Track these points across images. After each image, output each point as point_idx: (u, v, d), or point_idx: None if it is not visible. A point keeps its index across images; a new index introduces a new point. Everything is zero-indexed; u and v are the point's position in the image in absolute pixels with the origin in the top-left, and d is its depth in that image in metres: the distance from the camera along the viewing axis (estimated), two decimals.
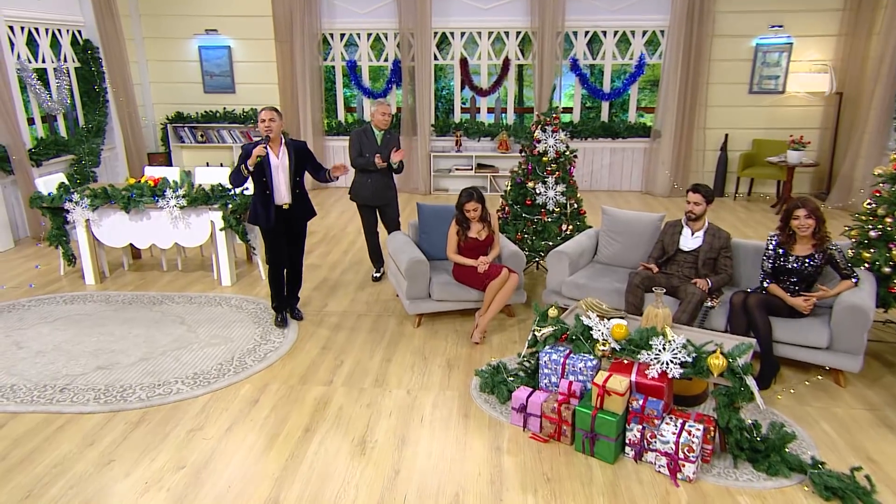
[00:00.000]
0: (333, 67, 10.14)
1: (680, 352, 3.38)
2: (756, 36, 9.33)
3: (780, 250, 4.30)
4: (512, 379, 3.96)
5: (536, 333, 3.79)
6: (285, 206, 4.83)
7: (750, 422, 3.35)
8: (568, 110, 10.16)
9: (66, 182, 6.45)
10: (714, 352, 3.30)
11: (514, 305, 5.35)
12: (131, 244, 6.14)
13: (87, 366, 4.50)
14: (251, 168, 4.60)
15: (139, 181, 6.11)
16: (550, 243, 5.71)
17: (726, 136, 9.67)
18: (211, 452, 3.49)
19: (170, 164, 10.25)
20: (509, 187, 5.98)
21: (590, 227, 5.82)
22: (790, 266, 4.26)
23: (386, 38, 9.83)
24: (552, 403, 3.53)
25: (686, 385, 3.80)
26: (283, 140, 4.77)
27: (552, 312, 3.83)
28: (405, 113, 9.81)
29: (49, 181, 6.32)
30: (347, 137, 10.13)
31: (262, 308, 5.48)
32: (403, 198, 9.58)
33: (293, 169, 4.80)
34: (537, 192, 5.76)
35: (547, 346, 3.78)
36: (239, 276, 6.29)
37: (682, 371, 3.33)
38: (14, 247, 7.37)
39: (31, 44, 8.12)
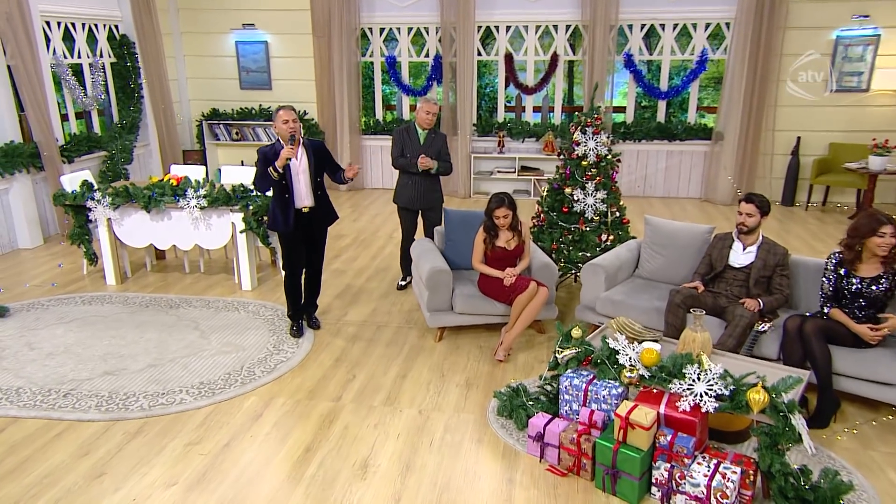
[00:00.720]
0: (372, 63, 10.14)
1: (716, 383, 3.14)
2: (837, 28, 8.83)
3: (842, 270, 4.00)
4: (531, 403, 3.79)
5: (557, 355, 3.60)
6: (305, 210, 4.78)
7: (797, 467, 3.08)
8: (620, 110, 9.88)
9: (91, 180, 6.61)
10: (755, 385, 3.06)
11: (545, 321, 5.17)
12: (153, 245, 6.22)
13: (95, 370, 4.55)
14: (280, 170, 4.57)
15: (162, 180, 6.20)
16: (588, 254, 5.50)
17: (798, 139, 9.20)
18: (205, 470, 3.45)
19: (204, 163, 10.45)
20: (546, 193, 5.80)
21: (633, 237, 5.58)
22: (854, 288, 3.95)
23: (427, 32, 9.76)
24: (571, 434, 3.35)
25: (727, 420, 3.55)
26: (301, 140, 4.71)
27: (576, 332, 3.64)
28: (446, 111, 9.71)
29: (74, 178, 6.48)
30: (385, 137, 10.11)
31: (280, 315, 5.46)
32: None
33: (314, 170, 4.74)
34: (575, 198, 5.56)
35: (569, 370, 3.60)
36: (261, 280, 6.30)
37: (716, 405, 3.10)
38: (43, 244, 7.61)
39: (68, 39, 8.39)
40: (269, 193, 5.80)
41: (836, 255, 4.06)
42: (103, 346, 4.94)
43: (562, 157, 5.73)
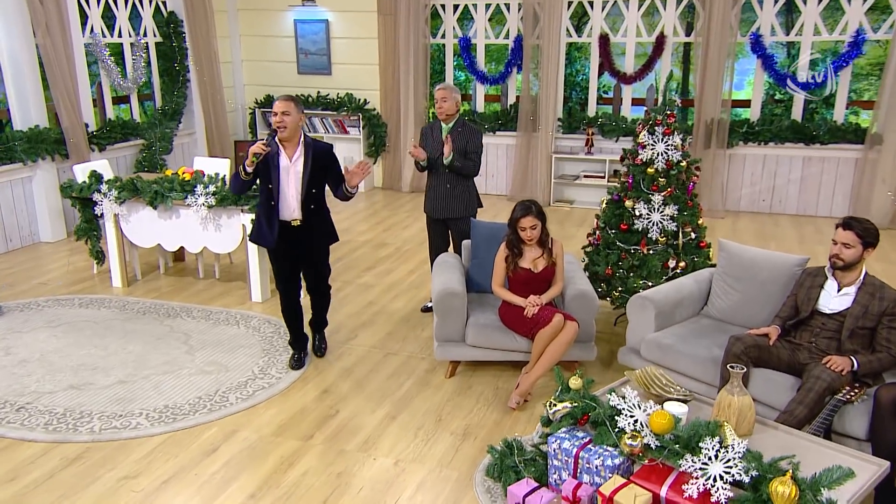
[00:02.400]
0: (443, 46, 10.09)
1: (736, 465, 2.77)
2: None
3: None
4: (524, 465, 3.53)
5: (549, 410, 3.33)
6: (294, 224, 4.59)
7: None
8: (743, 104, 9.27)
9: (108, 170, 6.94)
10: (785, 473, 2.67)
11: (585, 363, 4.85)
12: (161, 245, 6.43)
13: (61, 383, 4.72)
14: (249, 170, 4.41)
15: (176, 173, 6.41)
16: (651, 283, 5.12)
17: None
18: None
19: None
20: (604, 204, 5.48)
21: (714, 265, 5.15)
22: None
23: (508, 9, 9.60)
24: None
25: None
26: (303, 140, 4.53)
27: (574, 382, 3.35)
28: (524, 103, 9.50)
29: (91, 168, 6.82)
30: None
31: (282, 332, 5.47)
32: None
33: (308, 177, 4.52)
34: (637, 213, 5.20)
35: (562, 429, 3.32)
36: (274, 291, 6.36)
37: (730, 495, 2.73)
38: (65, 238, 8.09)
39: (108, 16, 8.91)
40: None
41: None
42: (81, 355, 5.13)
43: (625, 162, 5.39)
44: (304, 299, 5.16)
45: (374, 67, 10.13)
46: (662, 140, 5.16)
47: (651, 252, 5.19)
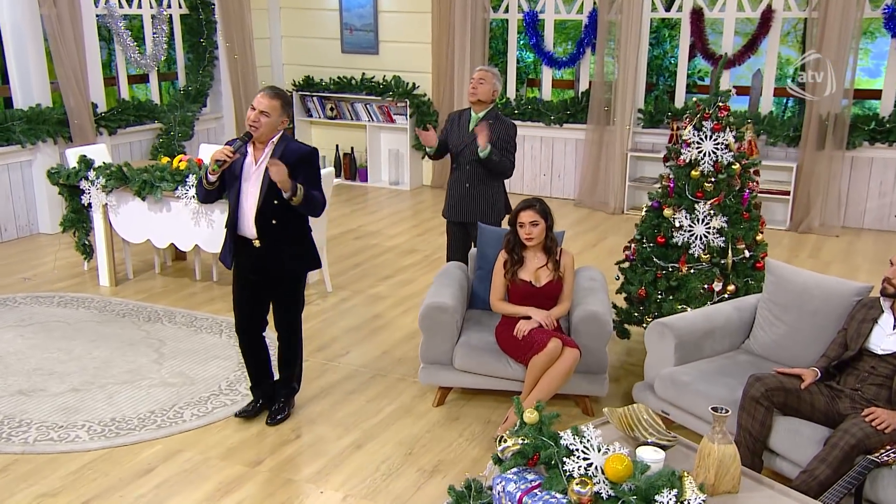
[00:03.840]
0: (506, 22, 10.19)
1: None
2: None
3: None
4: None
5: (498, 447, 3.37)
6: (256, 243, 4.39)
7: None
8: (872, 94, 8.94)
9: (106, 156, 7.39)
10: None
11: (597, 399, 4.83)
12: (150, 241, 6.79)
13: (10, 388, 5.08)
14: (212, 179, 4.29)
15: (171, 161, 6.77)
16: (689, 308, 5.05)
17: None
18: None
19: None
20: (644, 212, 5.44)
21: None
22: None
23: None
24: None
25: None
26: (278, 139, 4.33)
27: (530, 417, 3.37)
28: (596, 90, 9.47)
29: (90, 152, 7.24)
30: (516, 123, 10.08)
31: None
32: (580, 217, 9.27)
33: (267, 184, 4.27)
34: (677, 224, 5.14)
35: (513, 469, 3.35)
36: None
37: None
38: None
39: None
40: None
41: None
42: (40, 358, 5.49)
43: (668, 162, 5.35)
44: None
45: (427, 47, 10.32)
46: (711, 137, 5.09)
47: (692, 272, 5.11)
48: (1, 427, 4.61)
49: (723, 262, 5.11)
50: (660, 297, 5.21)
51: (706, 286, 5.08)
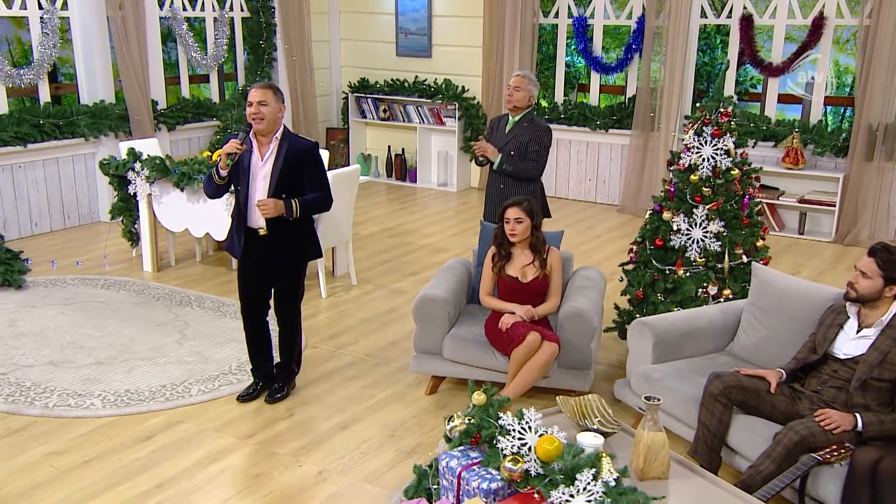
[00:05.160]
0: (556, 27, 10.36)
1: (595, 498, 2.93)
2: None
3: None
4: (436, 486, 3.80)
5: (446, 426, 3.60)
6: (262, 233, 4.67)
7: None
8: None
9: (156, 150, 7.87)
10: None
11: (582, 394, 4.98)
12: (188, 230, 7.22)
13: (43, 358, 5.55)
14: (224, 174, 4.57)
15: (210, 155, 7.20)
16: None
17: None
18: (35, 484, 4.10)
19: (346, 144, 11.58)
20: (647, 216, 5.57)
21: None
22: None
23: None
24: None
25: None
26: (280, 134, 4.63)
27: (477, 398, 3.59)
28: (642, 96, 9.55)
29: (143, 145, 7.74)
30: (563, 127, 10.25)
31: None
32: (620, 222, 9.37)
33: (276, 179, 4.60)
34: (675, 227, 5.26)
35: (460, 447, 3.57)
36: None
37: None
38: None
39: None
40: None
41: None
42: (76, 334, 5.95)
43: (671, 167, 5.47)
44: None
45: (478, 50, 10.56)
46: (710, 143, 5.19)
47: (688, 275, 5.23)
48: (28, 392, 5.06)
49: (719, 266, 5.21)
50: (657, 298, 5.34)
51: (701, 289, 5.19)
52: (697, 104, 5.57)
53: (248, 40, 10.70)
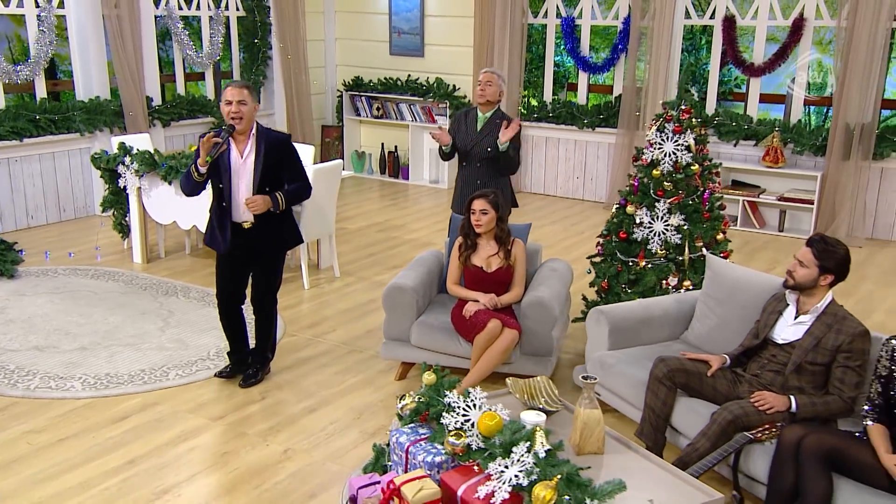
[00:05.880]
0: (545, 27, 10.51)
1: (529, 469, 3.10)
2: None
3: None
4: (391, 463, 3.97)
5: (398, 404, 3.77)
6: (246, 226, 4.87)
7: None
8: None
9: (148, 145, 8.06)
10: (552, 480, 2.96)
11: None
12: (176, 222, 7.41)
13: (28, 343, 5.74)
14: (203, 171, 4.68)
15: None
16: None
17: None
18: (12, 459, 4.29)
19: (340, 141, 11.77)
20: (614, 209, 5.73)
21: None
22: None
23: None
24: (374, 501, 3.51)
25: None
26: (255, 131, 4.79)
27: (427, 378, 3.76)
28: (627, 95, 9.70)
29: (134, 140, 7.95)
30: (550, 126, 10.42)
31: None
32: (605, 219, 9.50)
33: (260, 174, 4.77)
34: (637, 221, 5.42)
35: (410, 424, 3.74)
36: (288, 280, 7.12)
37: (505, 497, 3.06)
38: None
39: None
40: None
41: None
42: (62, 321, 6.14)
43: (636, 162, 5.63)
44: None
45: (469, 50, 10.73)
46: (671, 139, 5.35)
47: (649, 266, 5.38)
48: (11, 375, 5.25)
49: (680, 258, 5.36)
50: (621, 289, 5.49)
51: (662, 280, 5.34)
52: (661, 101, 5.72)
53: (244, 39, 10.89)
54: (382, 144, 11.63)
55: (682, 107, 5.39)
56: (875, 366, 3.65)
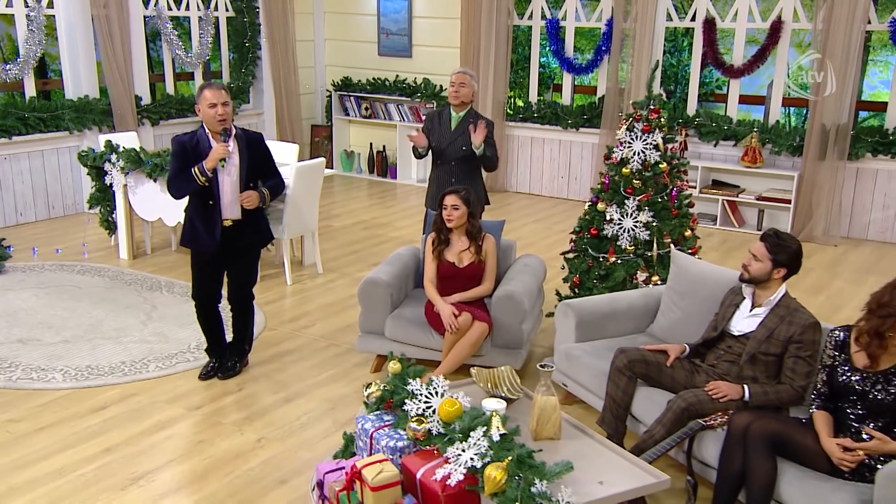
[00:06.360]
0: (530, 28, 10.63)
1: (481, 453, 3.21)
2: None
3: (842, 356, 3.64)
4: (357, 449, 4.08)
5: (364, 393, 3.89)
6: (229, 223, 4.96)
7: None
8: (873, 106, 9.04)
9: (135, 143, 8.17)
10: (504, 461, 3.07)
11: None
12: (161, 219, 7.51)
13: (13, 336, 5.84)
14: (210, 174, 4.76)
15: None
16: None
17: None
18: None
19: (330, 141, 11.89)
20: (587, 207, 5.84)
21: None
22: (849, 383, 3.58)
23: None
24: (338, 486, 3.62)
25: None
26: (235, 131, 4.90)
27: (393, 367, 3.87)
28: (610, 96, 9.82)
29: (122, 137, 8.03)
30: (534, 126, 10.54)
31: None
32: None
33: (245, 171, 4.92)
34: (608, 217, 5.54)
35: (376, 412, 3.85)
36: (268, 276, 7.24)
37: (460, 479, 3.17)
38: None
39: None
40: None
41: (841, 332, 3.69)
42: (47, 314, 6.24)
43: (607, 161, 5.74)
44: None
45: (455, 51, 10.83)
46: (640, 138, 5.46)
47: (619, 262, 5.50)
48: None
49: (648, 254, 5.48)
50: (592, 284, 5.61)
51: (631, 276, 5.46)
52: (631, 101, 5.83)
53: (233, 39, 11.00)
54: (371, 144, 11.74)
55: (651, 107, 5.49)
56: (821, 356, 3.76)
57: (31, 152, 8.87)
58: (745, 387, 3.96)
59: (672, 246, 5.45)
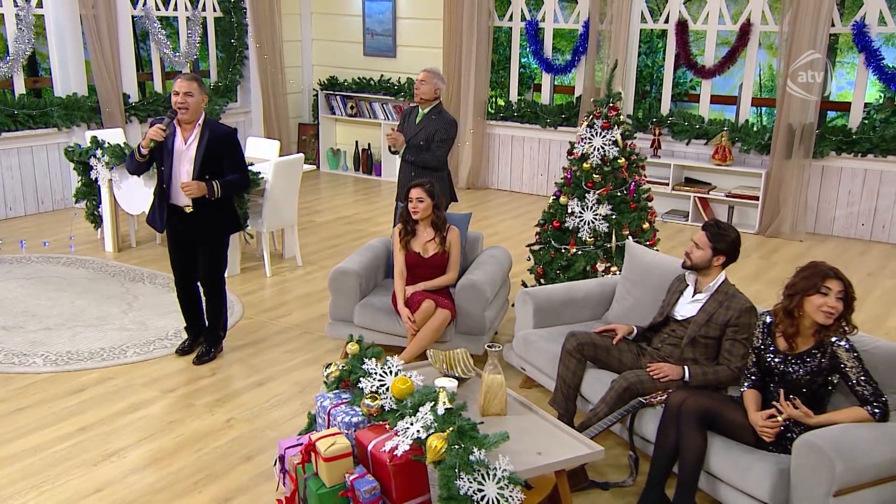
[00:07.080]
0: (510, 30, 10.81)
1: (426, 424, 3.38)
2: None
3: (768, 339, 3.83)
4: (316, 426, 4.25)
5: (324, 373, 4.06)
6: (188, 209, 5.13)
7: None
8: (841, 106, 9.23)
9: (121, 139, 8.34)
10: (445, 432, 3.25)
11: (476, 356, 5.43)
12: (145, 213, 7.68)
13: None
14: (145, 153, 4.98)
15: None
16: None
17: None
18: None
19: (316, 139, 12.06)
20: (551, 200, 6.02)
21: None
22: (772, 364, 3.77)
23: None
24: (297, 458, 3.79)
25: None
26: (201, 122, 5.06)
27: (352, 348, 4.04)
28: (587, 96, 9.99)
29: (107, 134, 8.21)
30: (514, 125, 10.72)
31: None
32: None
33: (199, 163, 5.03)
34: (569, 210, 5.72)
35: (336, 390, 4.02)
36: (245, 269, 7.41)
37: (406, 449, 3.34)
38: None
39: None
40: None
41: (768, 317, 3.88)
42: (31, 304, 6.41)
43: (570, 156, 5.91)
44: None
45: (438, 51, 11.01)
46: (600, 134, 5.64)
47: (579, 253, 5.68)
48: None
49: (607, 245, 5.66)
50: (555, 275, 5.79)
51: (591, 266, 5.64)
52: (592, 99, 6.00)
53: (221, 39, 11.16)
54: (357, 142, 11.91)
55: (610, 104, 5.67)
56: (754, 340, 3.95)
57: (21, 148, 9.02)
58: (686, 368, 4.14)
59: (630, 238, 5.63)
